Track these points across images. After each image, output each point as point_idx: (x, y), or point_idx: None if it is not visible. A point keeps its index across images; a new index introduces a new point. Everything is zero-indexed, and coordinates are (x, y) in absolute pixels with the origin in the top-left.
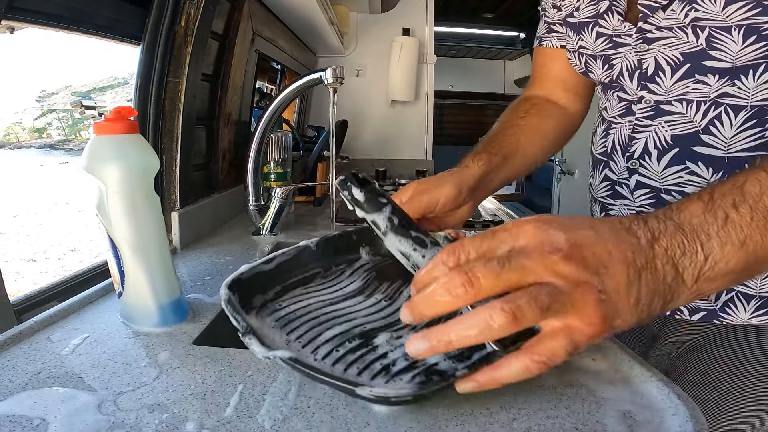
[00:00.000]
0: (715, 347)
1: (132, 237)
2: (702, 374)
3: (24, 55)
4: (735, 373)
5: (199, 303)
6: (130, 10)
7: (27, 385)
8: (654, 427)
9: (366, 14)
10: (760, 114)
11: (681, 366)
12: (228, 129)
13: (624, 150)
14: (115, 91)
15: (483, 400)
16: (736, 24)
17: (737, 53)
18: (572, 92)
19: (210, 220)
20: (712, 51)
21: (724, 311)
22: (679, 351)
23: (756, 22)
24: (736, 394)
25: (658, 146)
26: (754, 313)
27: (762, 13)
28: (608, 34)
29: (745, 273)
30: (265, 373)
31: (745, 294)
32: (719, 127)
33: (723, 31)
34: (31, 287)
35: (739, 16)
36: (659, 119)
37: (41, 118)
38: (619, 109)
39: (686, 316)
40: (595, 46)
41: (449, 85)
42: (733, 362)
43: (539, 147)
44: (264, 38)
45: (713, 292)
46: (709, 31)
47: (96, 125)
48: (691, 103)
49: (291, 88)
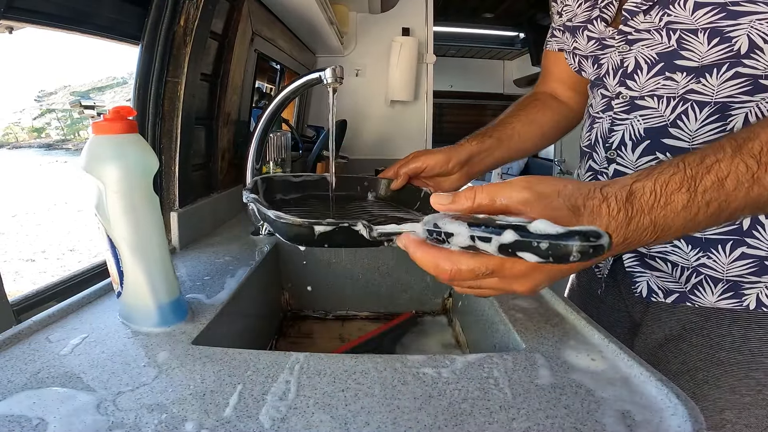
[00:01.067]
0: (693, 336)
1: (131, 237)
2: (681, 363)
3: (23, 55)
4: (710, 362)
5: (198, 303)
6: (129, 10)
7: (26, 385)
8: (653, 426)
9: (365, 14)
10: (722, 110)
11: (662, 356)
12: (227, 129)
13: (604, 142)
14: (113, 91)
15: (482, 401)
16: (702, 27)
17: (704, 54)
18: (573, 90)
19: (209, 220)
20: (682, 51)
21: (693, 293)
22: (659, 340)
23: (719, 25)
24: (711, 383)
25: (633, 138)
26: (721, 296)
27: (726, 18)
28: (596, 37)
29: None
30: (264, 373)
31: (712, 277)
32: (685, 121)
33: (691, 33)
34: (30, 287)
35: (706, 19)
36: (634, 113)
37: (40, 118)
38: (601, 105)
39: (661, 299)
40: (587, 47)
41: (449, 85)
42: (708, 350)
43: (535, 135)
44: (263, 38)
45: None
46: (680, 33)
47: (95, 125)
48: (661, 99)
49: (290, 88)
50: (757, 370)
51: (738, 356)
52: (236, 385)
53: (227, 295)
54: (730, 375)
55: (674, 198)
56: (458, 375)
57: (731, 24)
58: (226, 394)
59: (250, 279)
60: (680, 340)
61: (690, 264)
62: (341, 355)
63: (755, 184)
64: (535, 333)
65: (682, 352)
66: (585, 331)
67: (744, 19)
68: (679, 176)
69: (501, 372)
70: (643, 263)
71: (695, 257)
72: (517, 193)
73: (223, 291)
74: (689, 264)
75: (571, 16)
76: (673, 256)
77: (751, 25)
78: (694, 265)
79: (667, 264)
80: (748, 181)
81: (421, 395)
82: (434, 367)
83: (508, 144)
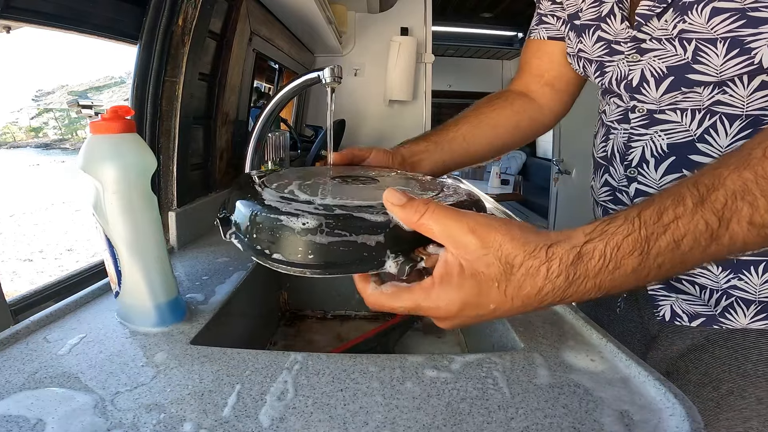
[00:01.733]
0: (717, 348)
1: (129, 236)
2: (703, 374)
3: (20, 54)
4: (735, 373)
5: (196, 303)
6: (127, 10)
7: (24, 386)
8: (651, 426)
9: (364, 14)
10: (755, 123)
11: (682, 366)
12: (225, 128)
13: (622, 158)
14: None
15: (481, 400)
16: (722, 36)
17: (720, 67)
18: (550, 87)
19: (207, 220)
20: (696, 65)
21: (724, 316)
22: (680, 351)
23: (740, 34)
24: (737, 394)
25: (655, 154)
26: (753, 318)
27: (746, 26)
28: (607, 39)
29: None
30: (263, 373)
31: (744, 299)
32: (714, 135)
33: (708, 43)
34: (28, 287)
35: (724, 28)
36: (654, 128)
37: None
38: (616, 115)
39: (686, 323)
40: (593, 50)
41: (447, 85)
42: (733, 362)
43: (486, 137)
44: (262, 38)
45: None
46: (695, 44)
47: (92, 124)
48: (685, 112)
49: (289, 88)
50: None
51: (765, 369)
52: (235, 385)
53: (225, 294)
54: (757, 386)
55: (624, 263)
56: (457, 375)
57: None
58: (225, 394)
59: (248, 279)
60: (702, 351)
61: (720, 286)
62: (340, 355)
63: (713, 242)
64: (534, 333)
65: (704, 363)
66: (583, 330)
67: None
68: (633, 237)
69: (499, 372)
70: (669, 287)
71: (725, 279)
72: (462, 236)
73: (221, 291)
74: (719, 286)
75: (575, 10)
76: (702, 279)
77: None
78: (723, 287)
79: (695, 287)
80: (706, 240)
81: (420, 395)
82: (433, 366)
83: (450, 147)
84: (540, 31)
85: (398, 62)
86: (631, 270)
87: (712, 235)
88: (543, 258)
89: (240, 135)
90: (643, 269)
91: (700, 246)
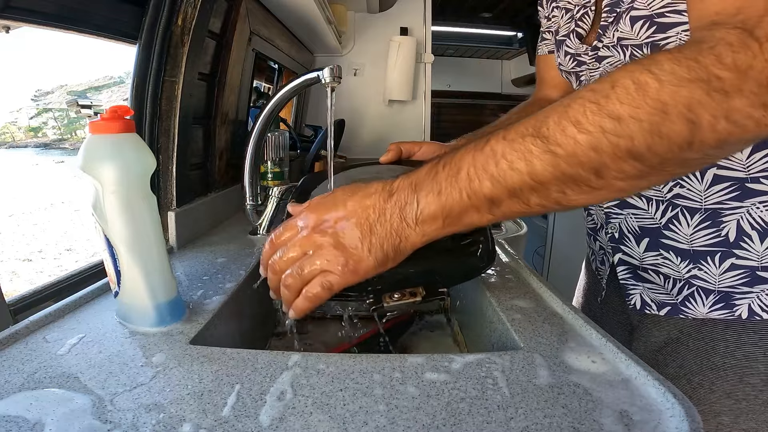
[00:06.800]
0: (690, 340)
1: (128, 236)
2: (678, 367)
3: (19, 54)
4: (705, 366)
5: (195, 302)
6: (126, 9)
7: (23, 386)
8: (651, 426)
9: (364, 13)
10: None
11: (661, 359)
12: (225, 128)
13: (605, 230)
14: (111, 90)
15: (480, 400)
16: (644, 42)
17: None
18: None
19: (207, 220)
20: None
21: (685, 305)
22: (659, 344)
23: (655, 39)
24: (706, 388)
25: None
26: (712, 307)
27: (657, 31)
28: (572, 53)
29: (448, 219)
30: (262, 373)
31: (704, 288)
32: None
33: (638, 48)
34: (27, 287)
35: (644, 34)
36: None
37: (37, 117)
38: None
39: (654, 311)
40: (566, 63)
41: (447, 85)
42: (704, 355)
43: None
44: (261, 37)
45: (435, 233)
46: (631, 50)
47: (92, 124)
48: None
49: (288, 88)
50: (752, 376)
51: (732, 361)
52: (234, 385)
53: (225, 294)
54: (725, 380)
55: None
56: (456, 375)
57: (663, 37)
58: (224, 394)
59: (248, 278)
60: (678, 343)
61: (682, 276)
62: (339, 355)
63: (486, 145)
64: (534, 333)
65: (680, 355)
66: (583, 330)
67: (671, 31)
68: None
69: (499, 372)
70: (636, 275)
71: (686, 269)
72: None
73: (220, 290)
74: (681, 276)
75: (556, 27)
76: (665, 269)
77: (679, 37)
78: (685, 277)
79: (659, 276)
80: (477, 147)
81: (420, 395)
82: (433, 366)
83: None
84: (542, 47)
85: (398, 62)
86: (425, 171)
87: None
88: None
89: (239, 135)
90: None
91: (470, 151)
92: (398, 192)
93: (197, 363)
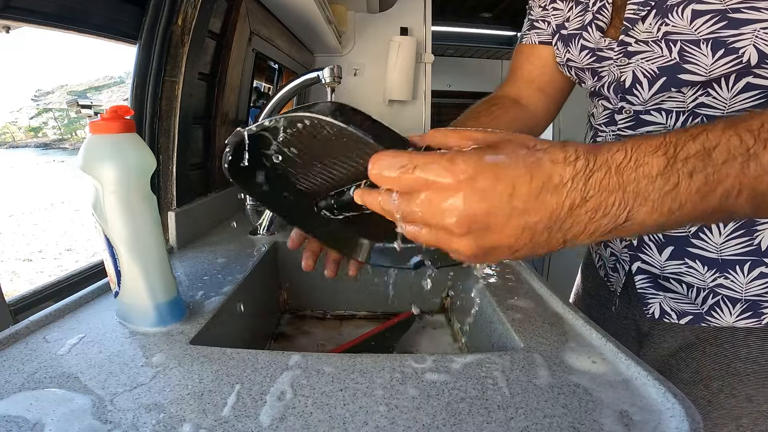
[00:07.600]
0: (707, 346)
1: (128, 236)
2: (694, 372)
3: (20, 54)
4: (725, 372)
5: (195, 302)
6: (126, 9)
7: (23, 386)
8: (650, 426)
9: (364, 13)
10: None
11: (674, 364)
12: (225, 128)
13: None
14: (111, 90)
15: (481, 400)
16: (704, 38)
17: (710, 66)
18: (541, 92)
19: (207, 220)
20: (685, 64)
21: (710, 314)
22: (671, 349)
23: (722, 35)
24: (727, 392)
25: None
26: (739, 316)
27: (728, 27)
28: (591, 47)
29: (653, 230)
30: (262, 373)
31: (731, 297)
32: None
33: (692, 44)
34: (27, 287)
35: (707, 29)
36: (640, 129)
37: (37, 117)
38: (603, 117)
39: (674, 320)
40: (581, 59)
41: (447, 85)
42: (723, 361)
43: None
44: (261, 37)
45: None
46: (681, 45)
47: (92, 124)
48: (670, 113)
49: (288, 88)
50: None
51: (755, 366)
52: (234, 385)
53: (225, 294)
54: (747, 385)
55: (648, 160)
56: (456, 374)
57: (734, 34)
58: (224, 394)
59: (248, 278)
60: (693, 349)
61: (706, 285)
62: (340, 355)
63: (751, 160)
64: (534, 333)
65: (695, 360)
66: (583, 330)
67: (746, 27)
68: (656, 141)
69: (499, 372)
70: (656, 285)
71: (712, 278)
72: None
73: (220, 290)
74: (705, 285)
75: (561, 20)
76: (689, 278)
77: (756, 34)
78: (710, 286)
79: (682, 285)
80: (742, 156)
81: (420, 395)
82: (433, 366)
83: None
84: (531, 36)
85: (398, 62)
86: (657, 172)
87: (748, 150)
88: (559, 145)
89: None
90: (671, 174)
91: (736, 162)
92: (596, 196)
93: (197, 363)
